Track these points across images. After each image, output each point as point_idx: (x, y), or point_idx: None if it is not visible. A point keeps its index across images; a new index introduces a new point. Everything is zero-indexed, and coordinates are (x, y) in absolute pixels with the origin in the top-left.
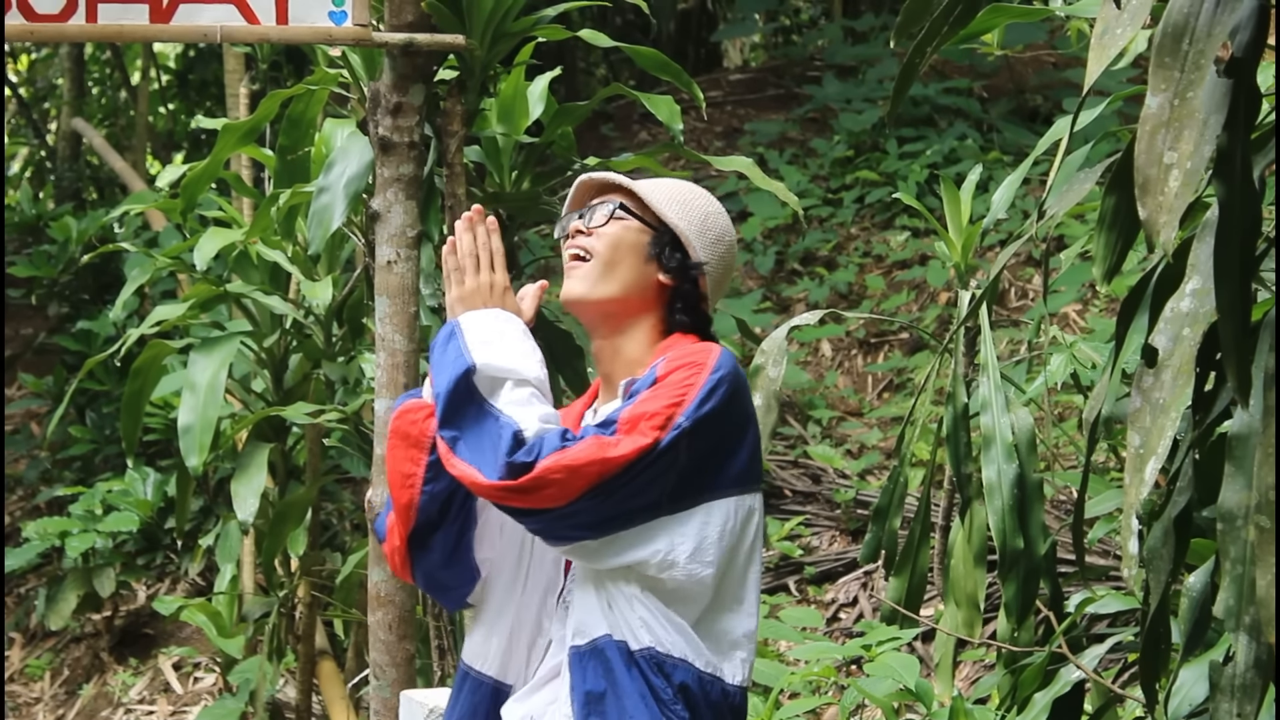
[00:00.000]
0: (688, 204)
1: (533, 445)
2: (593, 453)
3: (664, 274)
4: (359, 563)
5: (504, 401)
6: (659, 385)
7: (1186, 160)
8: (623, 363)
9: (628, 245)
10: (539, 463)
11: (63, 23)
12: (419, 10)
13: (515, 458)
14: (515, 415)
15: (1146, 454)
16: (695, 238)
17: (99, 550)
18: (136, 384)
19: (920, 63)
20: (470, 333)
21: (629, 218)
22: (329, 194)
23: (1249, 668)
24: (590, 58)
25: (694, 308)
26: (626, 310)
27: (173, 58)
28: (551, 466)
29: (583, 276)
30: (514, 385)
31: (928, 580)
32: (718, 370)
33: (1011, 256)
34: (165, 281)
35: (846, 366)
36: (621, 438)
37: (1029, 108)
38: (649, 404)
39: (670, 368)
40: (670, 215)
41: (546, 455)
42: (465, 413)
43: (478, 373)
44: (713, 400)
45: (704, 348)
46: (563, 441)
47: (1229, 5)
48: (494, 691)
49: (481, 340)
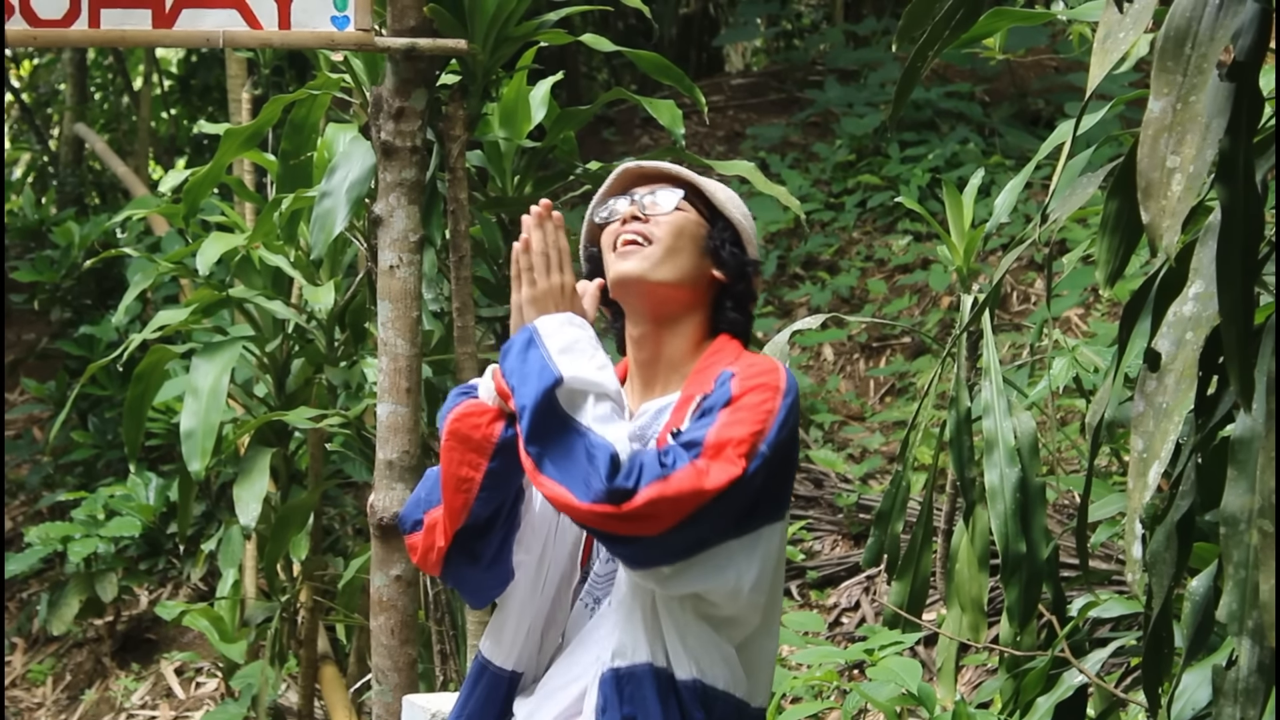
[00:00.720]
0: (736, 201)
1: (630, 469)
2: (692, 482)
3: (719, 269)
4: (361, 567)
5: (590, 418)
6: (737, 407)
7: (1189, 164)
8: (666, 356)
9: (689, 235)
10: (640, 490)
11: (65, 28)
12: (421, 15)
13: (615, 483)
14: (606, 434)
15: (1149, 458)
16: (750, 237)
17: (101, 555)
18: (139, 389)
19: (922, 67)
20: (550, 340)
21: (690, 209)
22: (331, 199)
23: (1252, 672)
24: (592, 62)
25: (744, 306)
26: (678, 299)
27: (175, 63)
28: (654, 497)
29: (644, 257)
30: (597, 400)
31: (930, 584)
32: (788, 394)
33: (1014, 261)
34: (167, 286)
35: (848, 371)
36: (711, 465)
37: (1031, 112)
38: (733, 429)
39: (745, 388)
40: (733, 210)
41: (647, 483)
42: (552, 427)
43: (564, 385)
44: (787, 426)
45: (772, 366)
46: (661, 468)
47: (1231, 9)
48: (509, 683)
49: (562, 349)
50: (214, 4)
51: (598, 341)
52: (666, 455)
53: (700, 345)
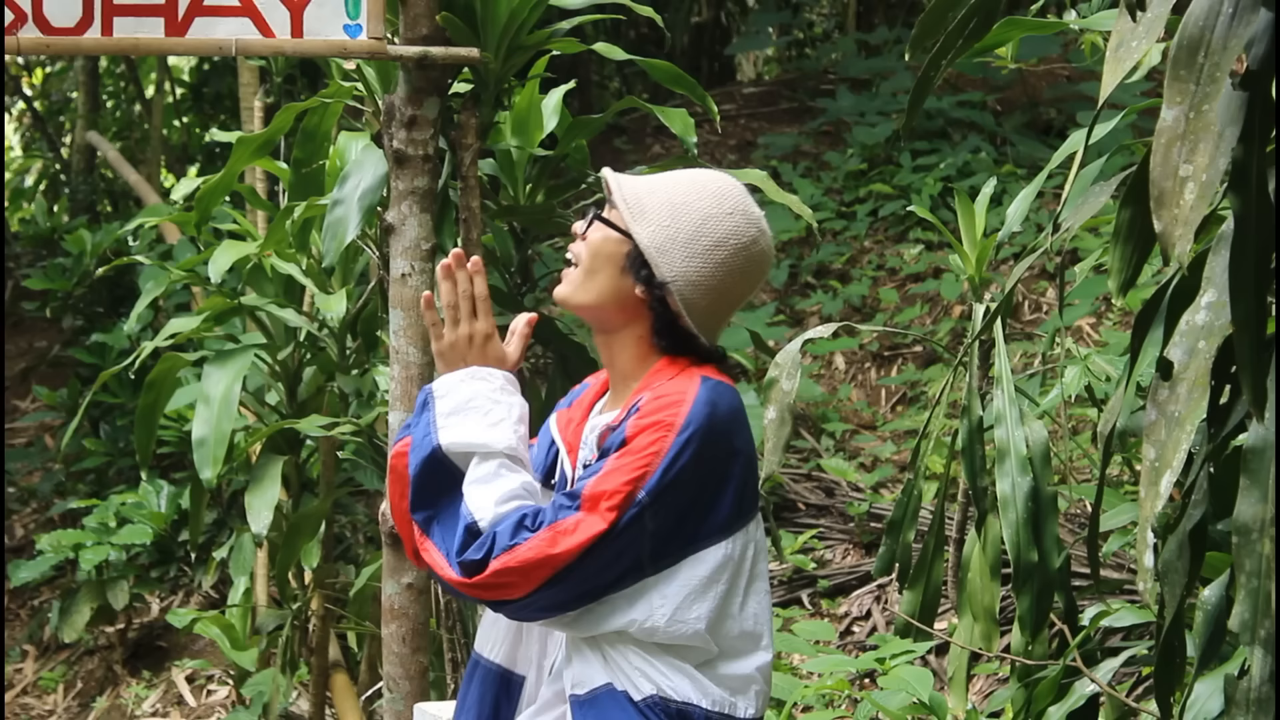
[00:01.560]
0: (680, 209)
1: (484, 540)
2: (541, 550)
3: (639, 288)
4: (373, 575)
5: (469, 480)
6: (625, 452)
7: (1202, 173)
8: (618, 368)
9: (605, 255)
10: (490, 562)
11: (78, 36)
12: (434, 24)
13: (467, 555)
14: (472, 501)
15: (1162, 467)
16: (675, 249)
17: (112, 563)
18: (150, 397)
19: (935, 76)
20: (442, 402)
21: (608, 227)
22: (343, 207)
23: (1264, 681)
24: (604, 71)
25: (670, 327)
26: (607, 319)
27: (187, 71)
28: (500, 569)
29: (566, 281)
30: (479, 460)
31: (942, 593)
32: (686, 429)
33: (1026, 269)
34: (179, 294)
35: (860, 380)
36: (581, 519)
37: (1043, 121)
38: (611, 479)
39: (638, 428)
40: (638, 226)
41: (497, 555)
42: (437, 492)
43: (443, 451)
44: (679, 463)
45: (677, 398)
46: (515, 535)
47: (1244, 19)
48: (503, 679)
49: (449, 411)
50: (226, 12)
51: (505, 388)
52: (533, 518)
53: (646, 360)
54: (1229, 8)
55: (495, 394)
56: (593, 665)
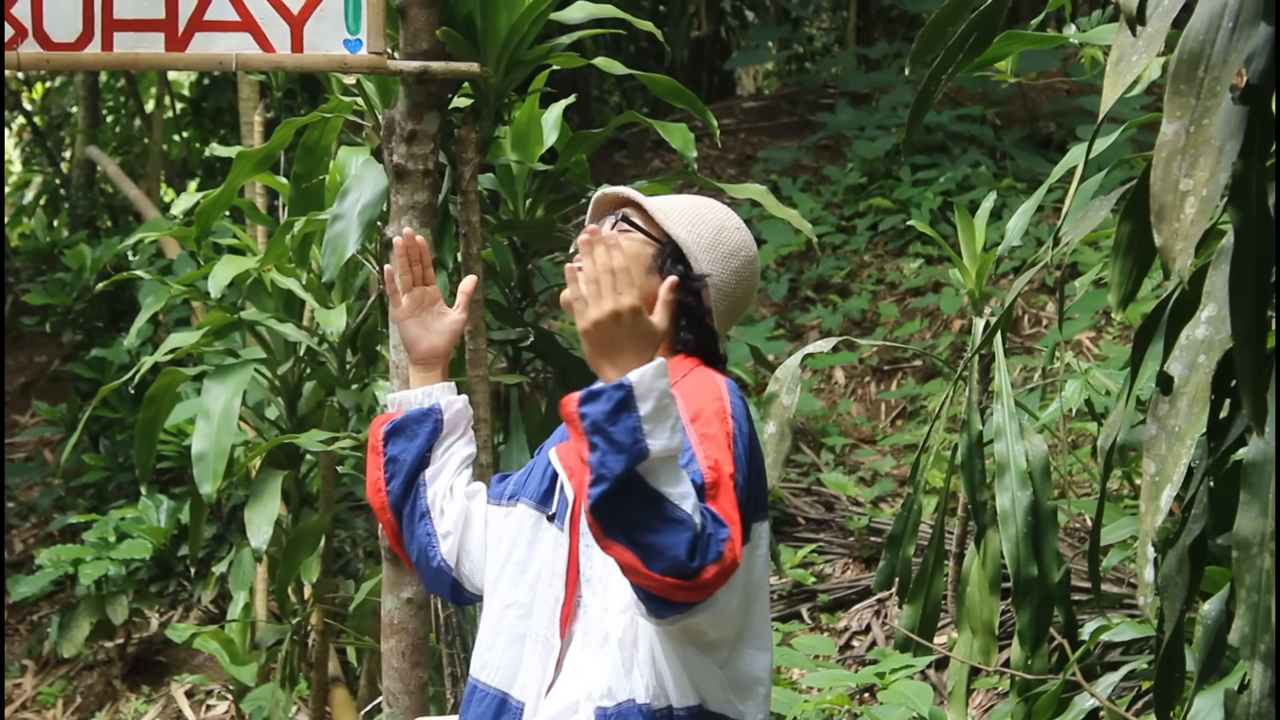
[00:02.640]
0: (698, 217)
1: (702, 547)
2: (733, 555)
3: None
4: (372, 590)
5: (666, 486)
6: (701, 433)
7: (1202, 187)
8: None
9: (630, 256)
10: (707, 567)
11: (78, 51)
12: (433, 38)
13: (693, 563)
14: (684, 505)
15: (1162, 481)
16: (702, 251)
17: (112, 577)
18: (150, 411)
19: (936, 91)
20: (643, 403)
21: (633, 230)
22: (343, 221)
23: (1264, 696)
24: (604, 85)
25: (698, 323)
26: None
27: (187, 86)
28: (716, 573)
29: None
30: (672, 465)
31: (941, 608)
32: (735, 407)
33: (1026, 284)
34: (179, 309)
35: (860, 394)
36: (719, 507)
37: (1043, 135)
38: (714, 458)
39: (693, 413)
40: (674, 227)
41: (712, 560)
42: (628, 498)
43: (650, 459)
44: (743, 437)
45: (709, 383)
46: (720, 541)
47: (1244, 33)
48: (500, 705)
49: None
50: (226, 27)
51: (668, 381)
52: (717, 521)
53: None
54: (1229, 22)
55: (669, 387)
56: (622, 678)
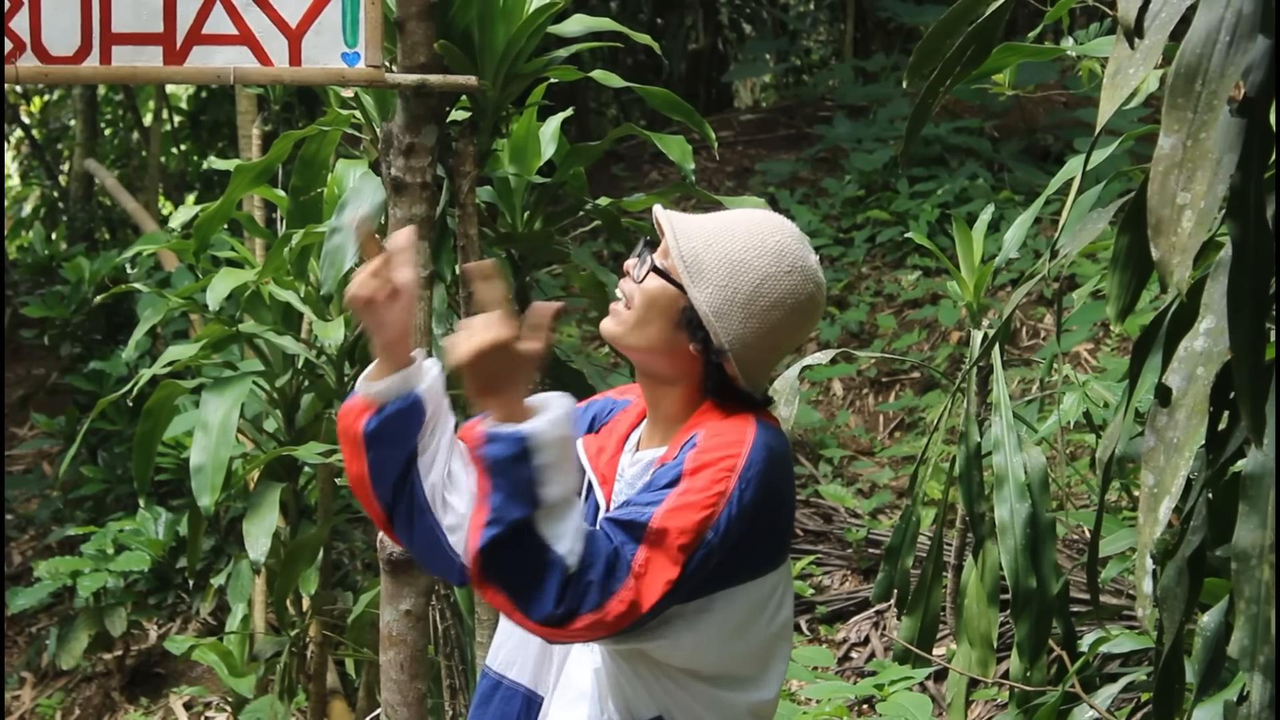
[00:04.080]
0: (739, 268)
1: (575, 594)
2: (626, 608)
3: (694, 344)
4: (370, 602)
5: (550, 531)
6: (687, 490)
7: (1200, 200)
8: (661, 411)
9: (660, 308)
10: (580, 617)
11: (76, 65)
12: (431, 52)
13: (559, 610)
14: (559, 546)
15: (1160, 493)
16: (734, 313)
17: (110, 590)
18: (148, 424)
19: (933, 103)
20: (542, 456)
21: (664, 280)
22: (341, 234)
23: (1264, 708)
24: (602, 98)
25: (723, 386)
26: (656, 366)
27: (185, 99)
28: (591, 623)
29: (618, 321)
30: (561, 507)
31: (940, 619)
32: (749, 470)
33: (1024, 296)
34: (177, 322)
35: (858, 406)
36: (649, 558)
37: (1040, 147)
38: (678, 517)
39: (699, 464)
40: (698, 291)
41: (586, 611)
42: (511, 547)
43: (540, 509)
44: (743, 505)
45: (737, 437)
46: (605, 587)
47: (1242, 46)
48: (525, 700)
49: (551, 464)
50: (224, 41)
51: (568, 429)
52: (613, 559)
53: (693, 403)
54: (1226, 36)
55: (565, 423)
56: (642, 695)
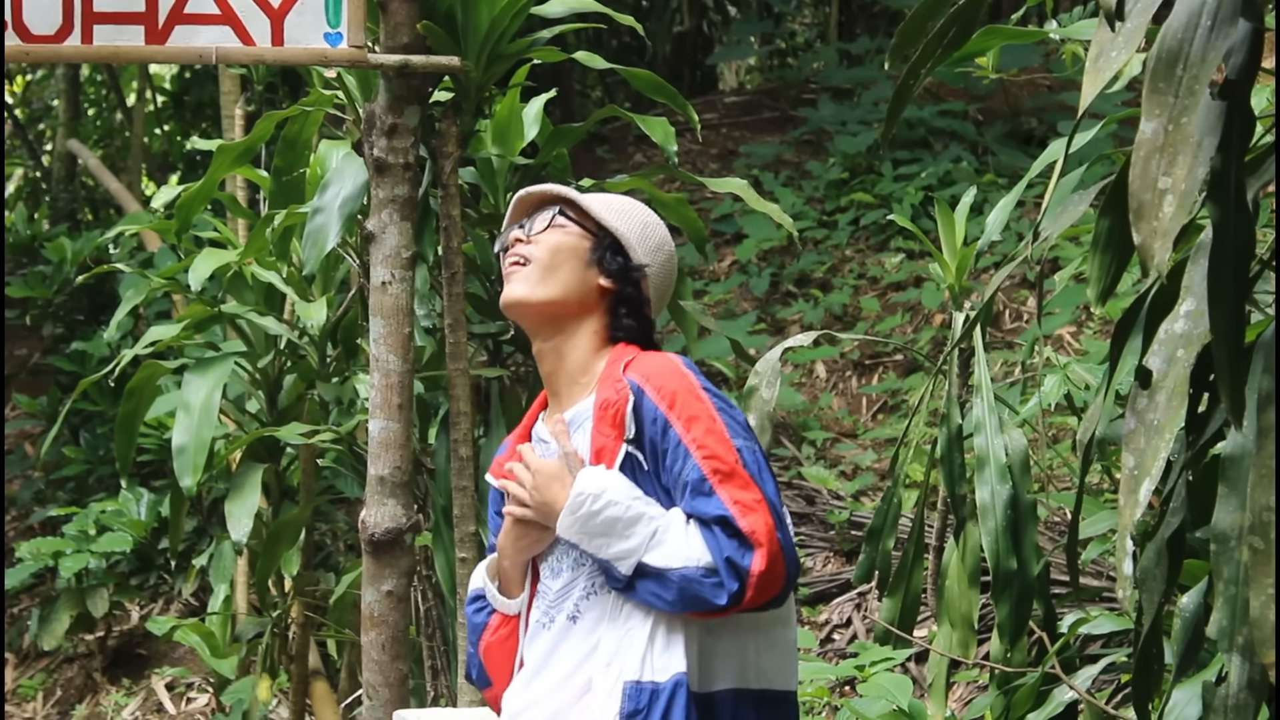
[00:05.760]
0: (625, 212)
1: (729, 574)
2: (766, 534)
3: (605, 278)
4: (352, 583)
5: (659, 562)
6: (681, 422)
7: (1181, 184)
8: (565, 369)
9: (568, 249)
10: (750, 582)
11: (58, 44)
12: (414, 32)
13: (734, 591)
14: (677, 564)
15: (1141, 475)
16: (636, 242)
17: (92, 570)
18: (130, 404)
19: (915, 85)
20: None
21: (569, 224)
22: (324, 215)
23: (1242, 688)
24: (586, 80)
25: (638, 312)
26: (566, 313)
27: (168, 79)
28: (762, 574)
29: (523, 279)
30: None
31: (921, 601)
32: (698, 377)
33: (1006, 278)
34: (160, 302)
35: (841, 388)
36: (730, 496)
37: (1024, 130)
38: (709, 445)
39: (669, 400)
40: (610, 220)
41: (752, 572)
42: (651, 593)
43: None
44: (725, 410)
45: (668, 364)
46: (739, 550)
47: (1223, 30)
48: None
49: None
50: (207, 20)
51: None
52: (731, 530)
53: (599, 352)
54: (1207, 20)
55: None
56: (676, 655)
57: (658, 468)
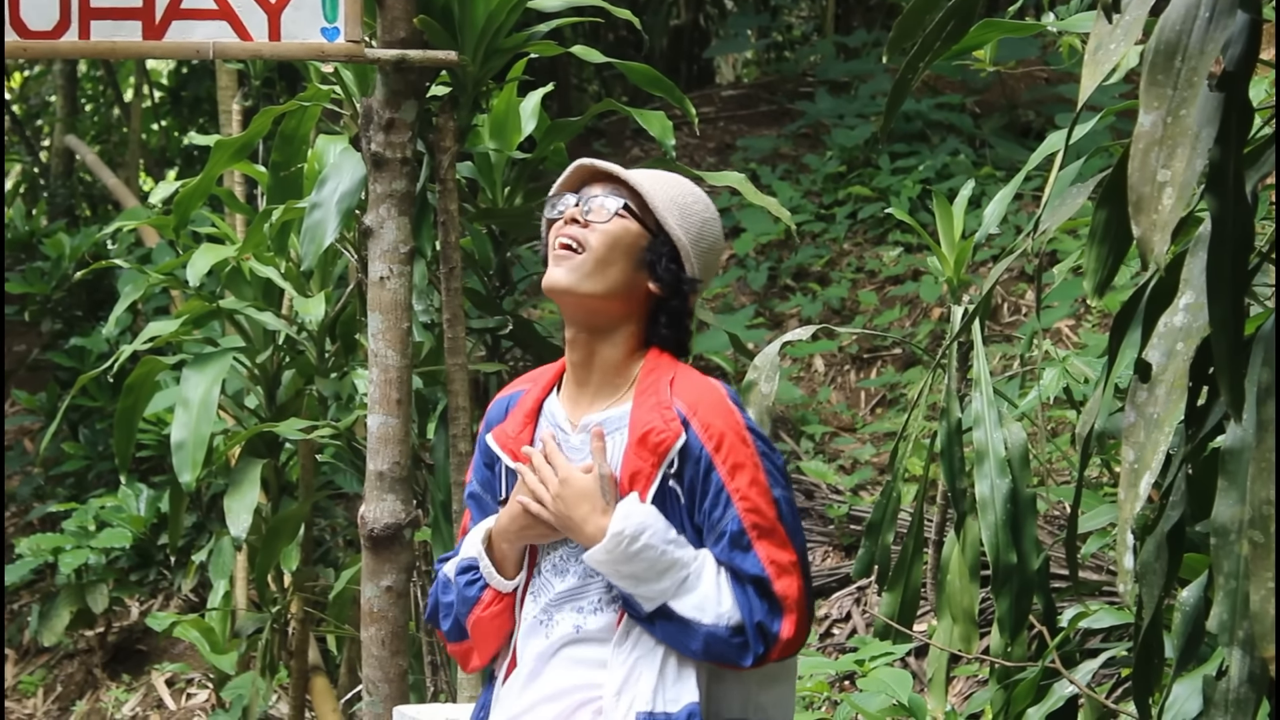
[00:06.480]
0: (688, 212)
1: (755, 637)
2: (794, 598)
3: (654, 283)
4: (352, 578)
5: (686, 612)
6: (727, 468)
7: (1179, 177)
8: (598, 363)
9: (624, 247)
10: (776, 644)
11: (56, 39)
12: (411, 27)
13: (760, 651)
14: (706, 620)
15: (1140, 468)
16: (695, 252)
17: (92, 566)
18: (129, 400)
19: (913, 78)
20: (645, 591)
21: (630, 219)
22: (322, 210)
23: (1243, 682)
24: (583, 74)
25: (679, 322)
26: (609, 311)
27: (165, 74)
28: (790, 638)
29: (573, 268)
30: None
31: (921, 595)
32: (748, 419)
33: (1004, 272)
34: (158, 298)
35: (839, 382)
36: (768, 555)
37: (1021, 123)
38: (750, 499)
39: (717, 440)
40: (674, 226)
41: (777, 634)
42: (678, 639)
43: (666, 613)
44: (766, 450)
45: (716, 399)
46: (769, 613)
47: (1221, 21)
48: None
49: (654, 597)
50: (204, 15)
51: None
52: (763, 590)
53: (633, 355)
54: (1205, 11)
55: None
56: (688, 686)
57: (693, 505)
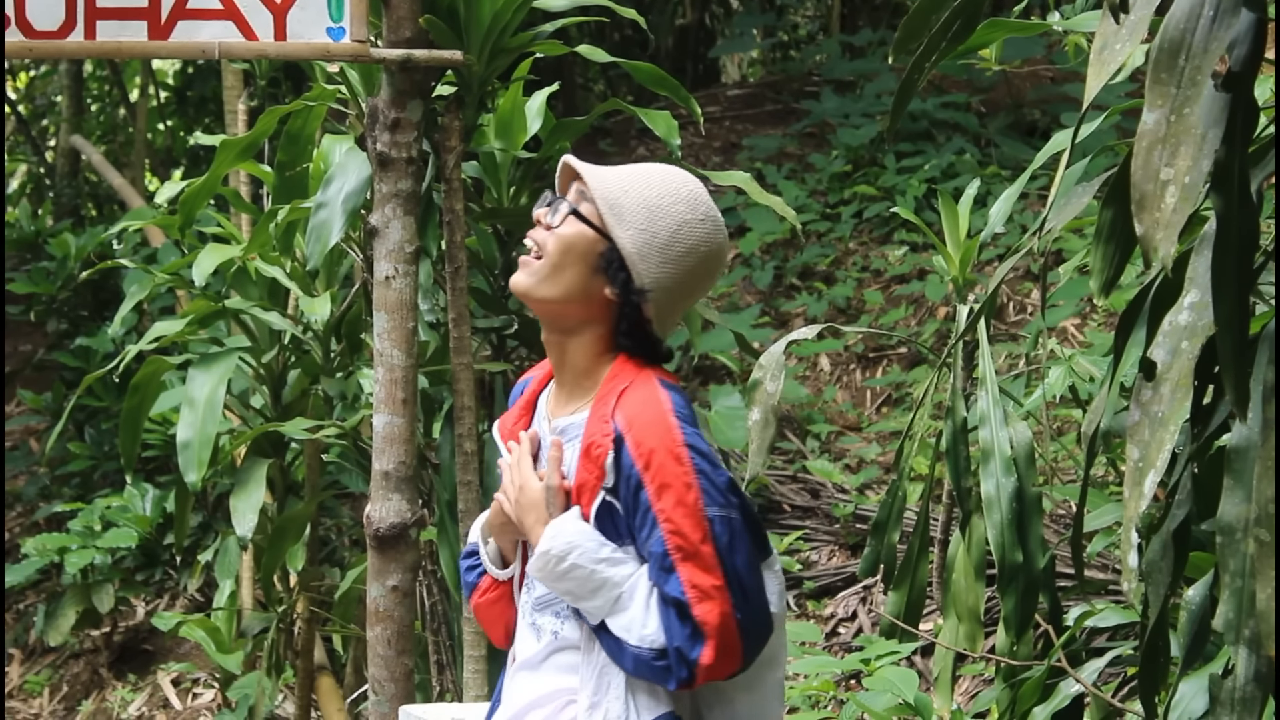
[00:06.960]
0: (657, 213)
1: (676, 660)
2: (718, 624)
3: (610, 289)
4: (358, 578)
5: (622, 630)
6: (654, 488)
7: (1184, 175)
8: (568, 365)
9: (578, 252)
10: (698, 669)
11: (61, 39)
12: (417, 26)
13: (683, 675)
14: (634, 639)
15: (1145, 467)
16: (653, 255)
17: (98, 566)
18: (135, 400)
19: (919, 78)
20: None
21: (583, 223)
22: (327, 210)
23: (1249, 681)
24: (588, 73)
25: (636, 331)
26: (568, 315)
27: (171, 74)
28: (711, 663)
29: (531, 273)
30: (613, 608)
31: (927, 594)
32: (687, 436)
33: (1009, 270)
34: (164, 298)
35: (845, 381)
36: (690, 579)
37: (1027, 122)
38: (676, 521)
39: (646, 459)
40: (623, 232)
41: (698, 661)
42: (612, 648)
43: (603, 625)
44: (703, 466)
45: (655, 415)
46: (690, 637)
47: (1226, 20)
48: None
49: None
50: (210, 15)
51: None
52: (683, 615)
53: (601, 358)
54: (1210, 10)
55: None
56: (658, 694)
57: (630, 522)
